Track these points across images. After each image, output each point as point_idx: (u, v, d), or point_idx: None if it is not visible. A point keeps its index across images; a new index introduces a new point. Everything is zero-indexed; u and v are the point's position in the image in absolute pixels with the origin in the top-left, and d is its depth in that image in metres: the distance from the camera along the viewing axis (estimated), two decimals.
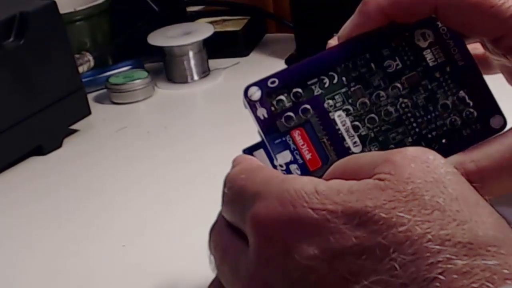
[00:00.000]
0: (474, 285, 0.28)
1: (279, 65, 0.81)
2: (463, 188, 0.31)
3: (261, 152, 0.37)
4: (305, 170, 0.37)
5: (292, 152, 0.37)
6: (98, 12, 0.83)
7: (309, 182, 0.32)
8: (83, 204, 0.60)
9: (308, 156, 0.37)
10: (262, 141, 0.38)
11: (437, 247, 0.29)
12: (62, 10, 0.71)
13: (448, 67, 0.40)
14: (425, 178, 0.31)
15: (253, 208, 0.33)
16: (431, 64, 0.40)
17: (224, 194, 0.36)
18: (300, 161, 0.37)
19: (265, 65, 0.83)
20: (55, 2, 0.69)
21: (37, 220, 0.58)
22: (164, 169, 0.63)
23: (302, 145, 0.37)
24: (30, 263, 0.53)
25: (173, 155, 0.66)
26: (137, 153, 0.68)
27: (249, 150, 0.38)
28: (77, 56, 0.77)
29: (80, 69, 0.77)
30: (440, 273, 0.29)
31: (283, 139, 0.37)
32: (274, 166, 0.37)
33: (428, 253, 0.29)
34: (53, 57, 0.69)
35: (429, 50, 0.40)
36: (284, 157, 0.37)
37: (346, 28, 0.40)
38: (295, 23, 0.82)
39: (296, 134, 0.38)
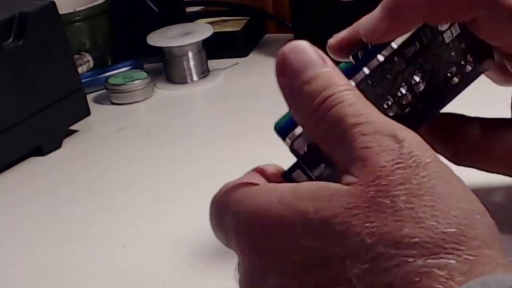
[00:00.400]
0: (433, 284, 0.28)
1: None
2: (432, 179, 0.30)
3: (299, 174, 0.37)
4: (331, 166, 0.37)
5: (325, 162, 0.37)
6: (97, 12, 0.83)
7: (274, 194, 0.32)
8: (83, 204, 0.60)
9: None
10: (299, 164, 0.37)
11: (392, 251, 0.28)
12: (61, 11, 0.71)
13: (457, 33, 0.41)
14: (392, 177, 0.30)
15: (231, 229, 0.33)
16: (447, 41, 0.40)
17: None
18: (329, 163, 0.37)
19: (264, 65, 0.82)
20: (54, 3, 0.69)
21: (37, 220, 0.58)
22: (164, 169, 0.63)
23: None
24: (30, 263, 0.53)
25: (172, 155, 0.66)
26: (137, 153, 0.68)
27: (288, 174, 0.37)
28: (76, 56, 0.77)
29: (80, 70, 0.77)
30: (396, 277, 0.28)
31: (319, 158, 0.37)
32: (310, 177, 0.37)
33: (382, 259, 0.29)
34: (53, 58, 0.69)
35: (448, 31, 0.41)
36: (319, 169, 0.37)
37: (376, 32, 0.39)
38: (295, 23, 0.82)
39: None
